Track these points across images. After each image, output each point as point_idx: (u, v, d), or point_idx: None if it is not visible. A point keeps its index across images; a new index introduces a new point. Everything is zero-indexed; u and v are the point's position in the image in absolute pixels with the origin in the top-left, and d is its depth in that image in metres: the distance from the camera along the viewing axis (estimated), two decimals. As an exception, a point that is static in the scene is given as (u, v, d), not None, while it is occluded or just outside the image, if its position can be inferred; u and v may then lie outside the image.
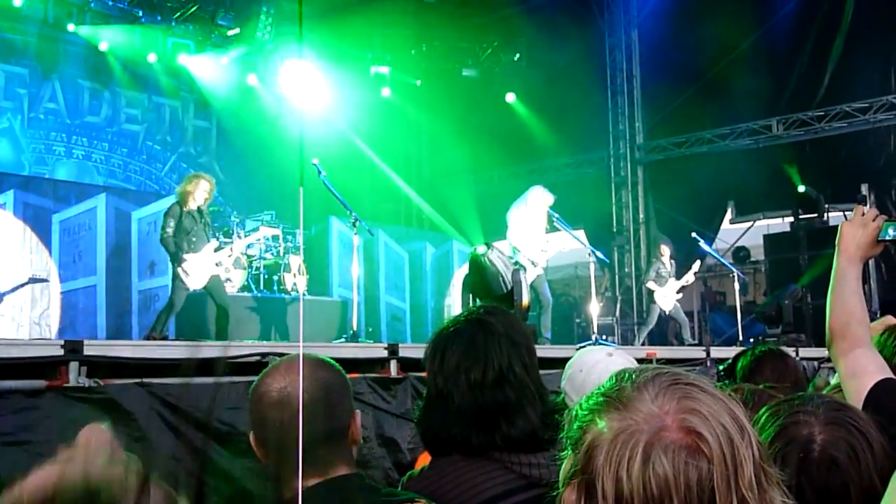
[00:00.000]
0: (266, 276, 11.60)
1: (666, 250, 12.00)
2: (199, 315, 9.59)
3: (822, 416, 1.65)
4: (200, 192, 8.48)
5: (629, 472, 1.10)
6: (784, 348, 3.44)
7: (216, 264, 8.64)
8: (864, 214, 2.27)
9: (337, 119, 15.33)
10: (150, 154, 14.23)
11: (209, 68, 14.52)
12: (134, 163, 14.06)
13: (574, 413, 1.23)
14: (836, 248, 2.25)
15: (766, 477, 1.13)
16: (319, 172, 8.13)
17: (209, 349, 5.28)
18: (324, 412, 1.80)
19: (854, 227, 2.25)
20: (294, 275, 11.57)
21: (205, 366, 1.61)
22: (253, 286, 11.32)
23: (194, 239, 8.41)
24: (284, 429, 1.76)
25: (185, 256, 8.27)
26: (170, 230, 8.27)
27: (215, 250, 8.64)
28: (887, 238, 2.26)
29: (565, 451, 1.23)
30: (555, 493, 1.26)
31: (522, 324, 2.40)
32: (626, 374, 1.22)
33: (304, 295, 11.54)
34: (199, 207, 8.54)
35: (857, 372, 2.07)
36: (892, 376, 2.04)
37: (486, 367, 2.06)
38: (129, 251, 11.33)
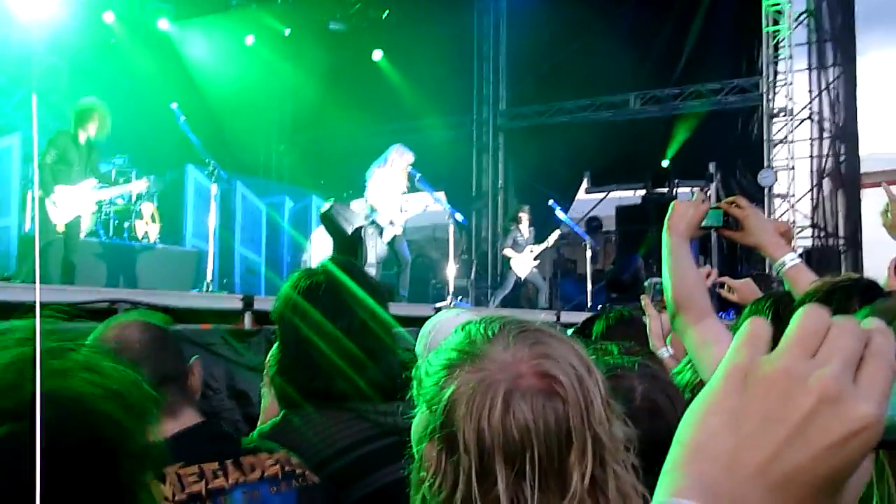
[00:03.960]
0: (116, 222, 11.11)
1: (524, 217, 12.24)
2: (42, 256, 8.99)
3: (638, 371, 1.73)
4: (95, 125, 7.71)
5: (490, 422, 1.13)
6: (636, 313, 3.58)
7: (95, 203, 8.07)
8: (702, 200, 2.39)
9: (199, 64, 14.85)
10: (-4, 88, 13.35)
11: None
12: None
13: (425, 371, 1.25)
14: (666, 223, 2.32)
15: (611, 411, 1.21)
16: (178, 117, 7.86)
17: (52, 293, 5.06)
18: (149, 359, 1.88)
19: (686, 207, 2.35)
20: (146, 222, 11.17)
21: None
22: (102, 231, 10.82)
23: (75, 175, 7.65)
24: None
25: (56, 187, 7.46)
26: (49, 159, 7.43)
27: (93, 189, 7.89)
28: (708, 225, 2.39)
29: (418, 409, 1.25)
30: (408, 441, 1.28)
31: (371, 276, 2.44)
32: (475, 327, 1.25)
33: (156, 243, 11.15)
34: (88, 140, 7.76)
35: (710, 340, 2.16)
36: None
37: (352, 318, 2.07)
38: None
